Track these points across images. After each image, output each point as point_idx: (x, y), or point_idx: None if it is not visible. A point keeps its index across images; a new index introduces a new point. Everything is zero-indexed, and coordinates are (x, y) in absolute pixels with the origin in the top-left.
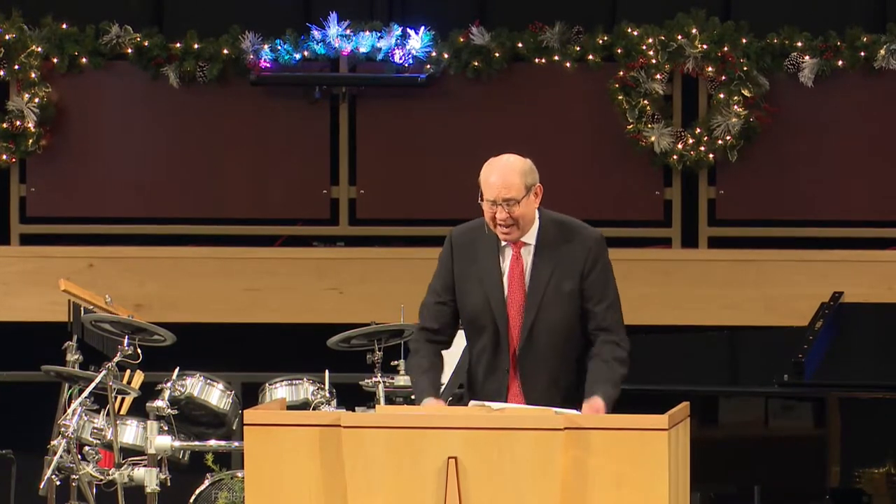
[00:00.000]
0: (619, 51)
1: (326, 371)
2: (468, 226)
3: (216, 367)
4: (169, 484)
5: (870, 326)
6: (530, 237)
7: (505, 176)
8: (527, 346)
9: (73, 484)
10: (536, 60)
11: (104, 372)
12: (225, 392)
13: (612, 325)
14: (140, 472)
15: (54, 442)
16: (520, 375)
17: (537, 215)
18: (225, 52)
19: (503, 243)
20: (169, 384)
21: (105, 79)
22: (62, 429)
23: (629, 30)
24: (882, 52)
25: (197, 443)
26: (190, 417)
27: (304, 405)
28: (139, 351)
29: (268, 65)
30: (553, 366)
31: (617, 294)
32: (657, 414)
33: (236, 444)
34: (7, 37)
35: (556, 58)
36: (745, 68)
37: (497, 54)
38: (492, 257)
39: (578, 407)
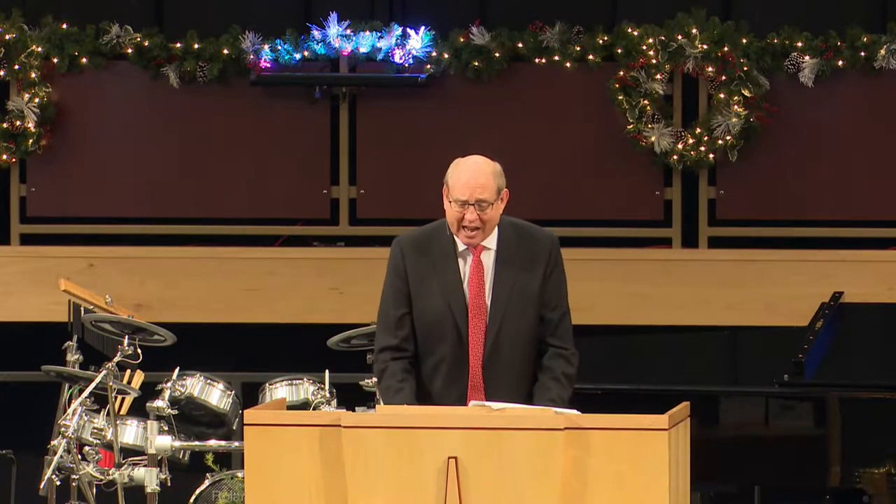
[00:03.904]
0: (619, 51)
1: (326, 371)
2: (416, 232)
3: (216, 367)
4: (169, 484)
5: (870, 326)
6: (490, 242)
7: (478, 176)
8: (492, 355)
9: (73, 484)
10: (536, 60)
11: (104, 372)
12: (225, 392)
13: (564, 335)
14: (140, 472)
15: (54, 442)
16: (484, 385)
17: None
18: (225, 52)
19: (461, 248)
20: (169, 384)
21: (105, 79)
22: (62, 429)
23: (629, 30)
24: (882, 52)
25: (197, 443)
26: (190, 417)
27: (304, 405)
28: (139, 351)
29: (268, 65)
30: (518, 374)
31: (568, 302)
32: (657, 414)
33: (236, 444)
34: (7, 37)
35: (556, 58)
36: (745, 68)
37: (497, 54)
38: (450, 262)
39: None
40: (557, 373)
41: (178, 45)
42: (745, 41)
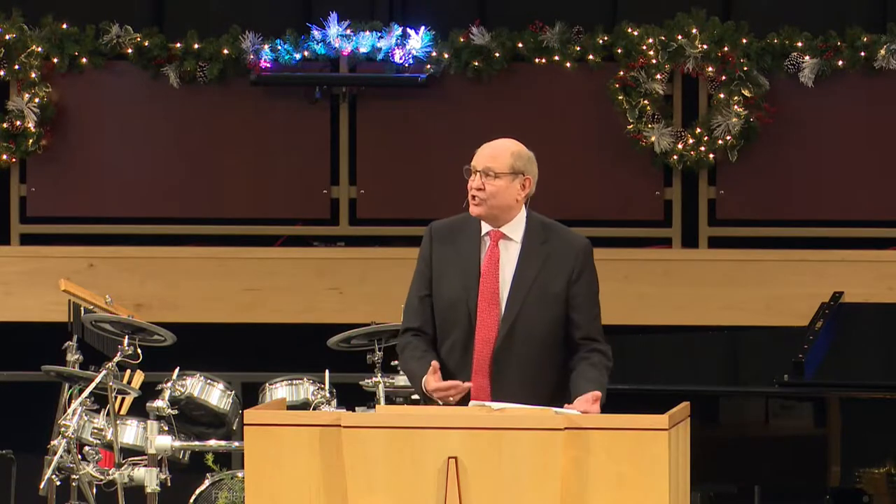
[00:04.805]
0: (619, 51)
1: (326, 371)
2: (449, 219)
3: (216, 367)
4: (169, 484)
5: (870, 326)
6: (515, 233)
7: (495, 148)
8: (505, 344)
9: (73, 484)
10: (536, 60)
11: (104, 372)
12: (225, 392)
13: (598, 336)
14: (140, 472)
15: (54, 442)
16: (491, 375)
17: (524, 214)
18: (225, 52)
19: (483, 232)
20: (169, 384)
21: (105, 79)
22: (62, 429)
23: (629, 30)
24: (882, 52)
25: (197, 443)
26: (190, 417)
27: (304, 405)
28: (139, 351)
29: (268, 65)
30: (529, 369)
31: (599, 306)
32: (657, 414)
33: (236, 444)
34: (7, 37)
35: (556, 58)
36: (745, 68)
37: (497, 54)
38: (473, 247)
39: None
40: (596, 361)
41: (178, 45)
42: (745, 41)
